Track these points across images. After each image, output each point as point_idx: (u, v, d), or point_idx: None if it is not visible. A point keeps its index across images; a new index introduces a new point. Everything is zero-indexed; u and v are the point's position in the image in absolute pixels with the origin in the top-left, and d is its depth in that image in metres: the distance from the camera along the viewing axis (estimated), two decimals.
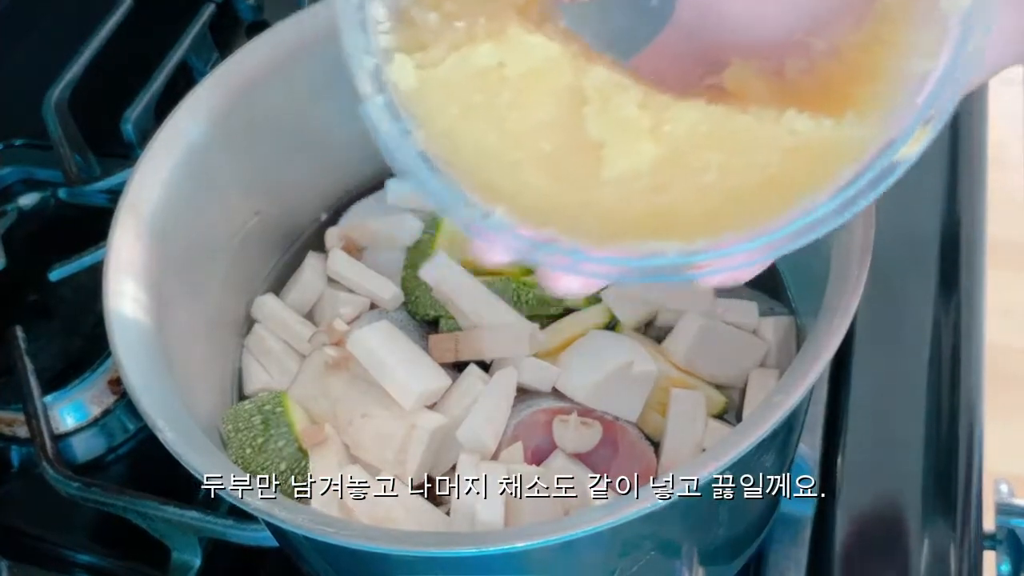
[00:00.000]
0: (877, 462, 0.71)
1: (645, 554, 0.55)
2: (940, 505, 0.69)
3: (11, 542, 0.76)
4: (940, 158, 0.85)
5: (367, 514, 0.57)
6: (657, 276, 0.40)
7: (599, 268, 0.41)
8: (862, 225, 0.55)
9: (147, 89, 0.93)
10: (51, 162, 0.93)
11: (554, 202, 0.41)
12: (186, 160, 0.66)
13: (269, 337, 0.70)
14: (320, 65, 0.71)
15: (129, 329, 0.58)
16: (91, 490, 0.71)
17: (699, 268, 0.40)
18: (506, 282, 0.67)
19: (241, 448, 0.62)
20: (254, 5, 1.09)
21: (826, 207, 0.40)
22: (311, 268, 0.72)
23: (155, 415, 0.54)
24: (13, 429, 0.81)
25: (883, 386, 0.75)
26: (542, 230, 0.41)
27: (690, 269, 0.40)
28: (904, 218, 0.82)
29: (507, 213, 0.41)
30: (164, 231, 0.63)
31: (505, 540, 0.48)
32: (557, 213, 0.41)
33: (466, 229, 0.42)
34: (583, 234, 0.41)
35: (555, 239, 0.41)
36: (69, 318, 0.85)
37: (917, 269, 0.79)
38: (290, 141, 0.73)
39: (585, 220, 0.41)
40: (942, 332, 0.76)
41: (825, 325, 0.52)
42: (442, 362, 0.65)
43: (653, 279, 0.41)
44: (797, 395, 0.49)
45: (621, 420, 0.63)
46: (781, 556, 0.68)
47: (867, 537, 0.68)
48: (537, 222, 0.41)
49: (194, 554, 0.70)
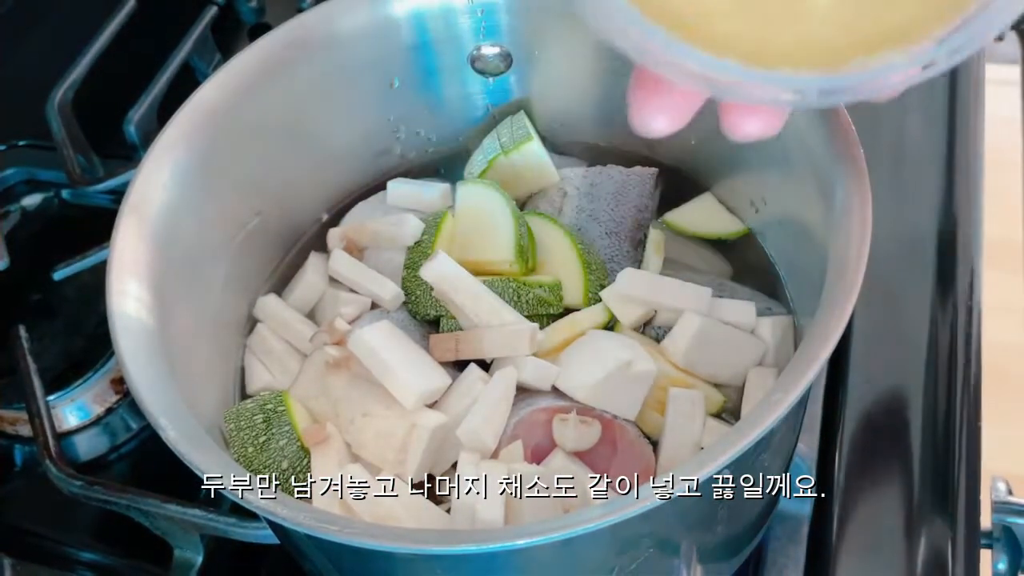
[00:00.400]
0: (875, 460, 0.72)
1: (644, 552, 0.55)
2: (937, 503, 0.69)
3: (14, 540, 0.76)
4: (937, 158, 0.86)
5: (368, 512, 0.58)
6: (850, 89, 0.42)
7: (780, 92, 0.42)
8: (859, 224, 0.55)
9: (150, 90, 0.94)
10: (54, 163, 0.93)
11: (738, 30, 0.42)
12: (188, 161, 0.66)
13: (271, 337, 0.70)
14: (321, 66, 0.72)
15: (132, 329, 0.58)
16: (94, 488, 0.71)
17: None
18: (506, 282, 0.68)
19: (243, 447, 0.63)
20: (256, 7, 1.09)
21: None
22: (313, 268, 0.73)
23: (157, 414, 0.54)
24: (16, 428, 0.81)
25: (881, 385, 0.75)
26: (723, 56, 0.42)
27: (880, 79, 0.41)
28: (901, 218, 0.82)
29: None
30: (167, 231, 0.64)
31: (506, 538, 0.48)
32: (739, 40, 0.42)
33: (642, 55, 0.42)
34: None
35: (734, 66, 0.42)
36: (72, 318, 0.85)
37: (914, 269, 0.80)
38: (291, 142, 0.73)
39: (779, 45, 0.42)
40: (939, 331, 0.77)
41: (823, 324, 0.52)
42: (442, 361, 0.66)
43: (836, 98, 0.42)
44: (795, 394, 0.50)
45: (620, 419, 0.63)
46: (779, 554, 0.69)
47: (865, 535, 0.69)
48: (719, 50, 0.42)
49: (196, 552, 0.71)
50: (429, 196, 0.75)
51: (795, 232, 0.67)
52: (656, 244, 0.71)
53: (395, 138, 0.79)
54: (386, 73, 0.75)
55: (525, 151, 0.74)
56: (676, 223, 0.74)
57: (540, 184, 0.76)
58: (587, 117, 0.78)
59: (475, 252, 0.70)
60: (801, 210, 0.64)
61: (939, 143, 0.87)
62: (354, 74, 0.74)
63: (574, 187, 0.75)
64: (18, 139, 1.00)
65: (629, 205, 0.74)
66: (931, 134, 0.87)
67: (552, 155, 0.77)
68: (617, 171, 0.75)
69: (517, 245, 0.69)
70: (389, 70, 0.75)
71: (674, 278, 0.68)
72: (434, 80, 0.77)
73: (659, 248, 0.71)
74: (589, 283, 0.70)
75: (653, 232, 0.72)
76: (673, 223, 0.74)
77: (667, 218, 0.74)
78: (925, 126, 0.88)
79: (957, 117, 0.88)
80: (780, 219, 0.69)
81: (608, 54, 0.73)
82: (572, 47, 0.74)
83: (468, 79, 0.77)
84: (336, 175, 0.78)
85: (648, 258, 0.71)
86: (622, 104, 0.78)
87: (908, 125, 0.89)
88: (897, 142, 0.88)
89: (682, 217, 0.74)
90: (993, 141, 0.89)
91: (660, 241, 0.71)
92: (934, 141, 0.87)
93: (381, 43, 0.73)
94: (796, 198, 0.65)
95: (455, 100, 0.78)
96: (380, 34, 0.73)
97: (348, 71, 0.73)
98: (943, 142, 0.86)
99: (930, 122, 0.88)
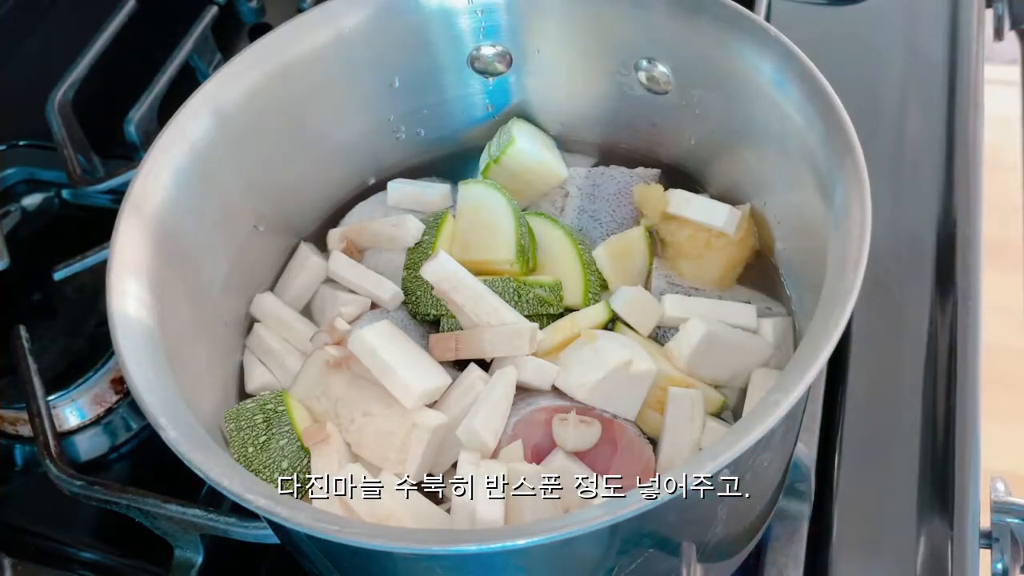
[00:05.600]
0: (874, 460, 0.72)
1: (644, 552, 0.55)
2: (936, 503, 0.69)
3: (15, 540, 0.76)
4: (936, 159, 0.86)
5: (368, 512, 0.58)
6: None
7: None
8: (859, 226, 0.55)
9: (150, 90, 0.94)
10: (55, 163, 0.93)
11: None
12: (189, 161, 0.66)
13: (270, 336, 0.71)
14: (321, 66, 0.72)
15: (132, 328, 0.59)
16: (94, 488, 0.71)
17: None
18: (506, 282, 0.68)
19: (243, 447, 0.63)
20: (256, 7, 1.09)
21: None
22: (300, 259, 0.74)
23: (157, 414, 0.54)
24: (16, 428, 0.81)
25: (880, 385, 0.75)
26: None
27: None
28: (900, 219, 0.82)
29: None
30: (167, 231, 0.64)
31: (506, 537, 0.48)
32: None
33: None
34: None
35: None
36: (72, 318, 0.85)
37: (913, 270, 0.80)
38: (291, 142, 0.73)
39: None
40: (938, 332, 0.77)
41: (822, 325, 0.52)
42: (442, 361, 0.66)
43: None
44: (795, 394, 0.50)
45: (620, 418, 0.63)
46: (779, 553, 0.69)
47: (864, 535, 0.69)
48: None
49: (196, 551, 0.71)
50: (429, 196, 0.75)
51: (795, 232, 0.68)
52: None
53: (395, 138, 0.79)
54: (386, 73, 0.75)
55: (511, 154, 0.74)
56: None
57: (548, 183, 0.76)
58: (587, 117, 0.78)
59: (476, 252, 0.70)
60: (801, 210, 0.64)
61: (938, 143, 0.87)
62: (354, 74, 0.74)
63: (576, 187, 0.76)
64: (18, 139, 1.00)
65: (631, 206, 0.74)
66: (930, 134, 0.87)
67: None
68: (619, 172, 0.75)
69: (518, 245, 0.69)
70: (389, 70, 0.75)
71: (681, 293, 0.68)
72: (434, 80, 0.77)
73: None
74: (589, 283, 0.70)
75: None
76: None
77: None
78: (925, 126, 0.88)
79: (956, 117, 0.88)
80: (780, 219, 0.69)
81: (608, 55, 0.74)
82: (572, 48, 0.74)
83: (468, 79, 0.77)
84: (336, 175, 0.78)
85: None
86: (622, 104, 0.78)
87: (908, 125, 0.89)
88: (897, 142, 0.88)
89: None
90: (993, 141, 0.89)
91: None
92: (933, 141, 0.87)
93: (381, 43, 0.73)
94: (796, 198, 0.65)
95: (455, 100, 0.78)
96: (380, 34, 0.73)
97: (348, 71, 0.73)
98: (942, 142, 0.86)
99: (929, 122, 0.88)
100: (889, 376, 0.75)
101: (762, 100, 0.64)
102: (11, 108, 1.02)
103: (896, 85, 0.92)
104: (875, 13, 0.98)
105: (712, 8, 0.66)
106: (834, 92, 0.60)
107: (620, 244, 0.71)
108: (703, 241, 0.70)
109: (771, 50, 0.64)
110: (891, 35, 0.96)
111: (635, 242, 0.71)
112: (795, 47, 0.63)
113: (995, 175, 0.90)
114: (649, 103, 0.74)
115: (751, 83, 0.65)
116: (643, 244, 0.71)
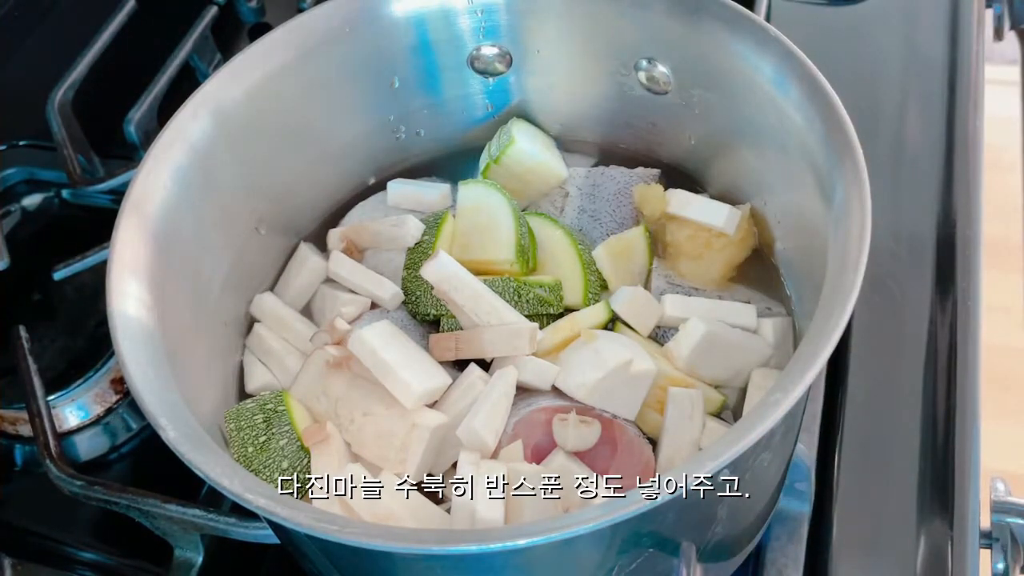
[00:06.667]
0: (874, 460, 0.72)
1: (644, 552, 0.55)
2: (936, 503, 0.69)
3: (15, 540, 0.76)
4: (936, 160, 0.86)
5: (368, 512, 0.58)
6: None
7: None
8: (859, 226, 0.55)
9: (150, 90, 0.94)
10: (55, 163, 0.93)
11: None
12: (189, 161, 0.66)
13: (270, 336, 0.71)
14: (321, 66, 0.72)
15: (132, 328, 0.59)
16: (94, 488, 0.71)
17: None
18: (506, 282, 0.68)
19: (243, 446, 0.63)
20: (256, 7, 1.09)
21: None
22: (301, 259, 0.74)
23: (157, 414, 0.54)
24: (16, 428, 0.81)
25: (880, 385, 0.75)
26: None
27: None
28: (900, 219, 0.82)
29: None
30: (167, 231, 0.64)
31: (506, 537, 0.48)
32: None
33: None
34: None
35: None
36: (72, 318, 0.85)
37: (913, 270, 0.80)
38: (291, 142, 0.73)
39: None
40: (938, 332, 0.77)
41: (822, 325, 0.52)
42: (442, 361, 0.66)
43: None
44: (795, 394, 0.50)
45: (620, 418, 0.63)
46: (779, 553, 0.69)
47: (864, 535, 0.69)
48: None
49: (196, 551, 0.71)
50: (429, 197, 0.75)
51: (795, 232, 0.68)
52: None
53: (395, 138, 0.79)
54: (386, 73, 0.75)
55: (511, 154, 0.74)
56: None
57: (548, 183, 0.76)
58: (587, 117, 0.78)
59: (476, 252, 0.70)
60: (801, 210, 0.64)
61: (938, 143, 0.87)
62: (354, 74, 0.74)
63: (576, 187, 0.76)
64: (18, 139, 1.00)
65: (631, 206, 0.74)
66: (930, 134, 0.87)
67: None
68: (619, 172, 0.75)
69: (518, 245, 0.69)
70: (389, 70, 0.75)
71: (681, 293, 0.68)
72: (434, 80, 0.77)
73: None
74: (589, 283, 0.70)
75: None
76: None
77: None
78: (925, 126, 0.88)
79: (956, 117, 0.88)
80: (780, 219, 0.69)
81: (608, 55, 0.74)
82: (572, 48, 0.74)
83: (468, 79, 0.77)
84: (336, 175, 0.78)
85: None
86: (622, 104, 0.78)
87: (908, 125, 0.89)
88: (897, 142, 0.88)
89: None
90: (993, 141, 0.89)
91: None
92: (933, 141, 0.87)
93: (381, 43, 0.73)
94: (796, 198, 0.65)
95: (455, 100, 0.78)
96: (380, 34, 0.73)
97: (348, 71, 0.73)
98: (942, 142, 0.86)
99: (929, 122, 0.88)
100: (889, 376, 0.75)
101: (762, 100, 0.65)
102: (11, 108, 1.02)
103: (896, 85, 0.92)
104: (875, 13, 0.98)
105: (712, 8, 0.66)
106: (834, 92, 0.60)
107: (620, 244, 0.71)
108: (703, 241, 0.70)
109: (771, 50, 0.64)
110: (891, 35, 0.96)
111: (635, 242, 0.71)
112: (795, 47, 0.63)
113: (995, 175, 0.90)
114: (649, 103, 0.74)
115: (751, 83, 0.65)
116: (643, 244, 0.71)
